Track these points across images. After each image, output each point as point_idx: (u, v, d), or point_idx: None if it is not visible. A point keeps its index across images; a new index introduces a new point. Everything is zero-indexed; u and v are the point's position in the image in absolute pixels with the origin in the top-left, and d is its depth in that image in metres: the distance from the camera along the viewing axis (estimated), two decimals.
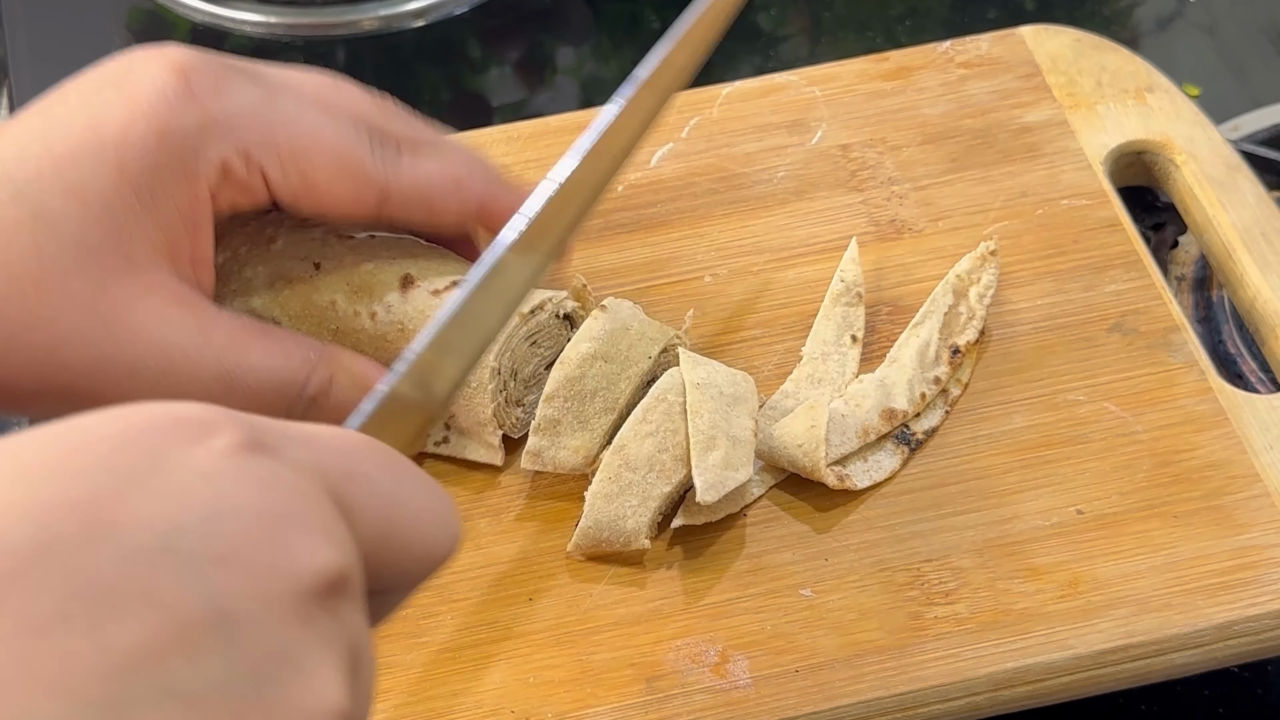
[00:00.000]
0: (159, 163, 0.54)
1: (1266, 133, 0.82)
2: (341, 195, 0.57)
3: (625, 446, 0.56)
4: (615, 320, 0.59)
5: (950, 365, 0.62)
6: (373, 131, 0.57)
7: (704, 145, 0.72)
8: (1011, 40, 0.75)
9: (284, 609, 0.33)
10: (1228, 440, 0.60)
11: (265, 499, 0.34)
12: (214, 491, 0.33)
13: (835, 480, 0.58)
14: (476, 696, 0.55)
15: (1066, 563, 0.57)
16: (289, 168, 0.56)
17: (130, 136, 0.53)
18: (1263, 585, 0.56)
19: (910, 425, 0.61)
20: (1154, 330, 0.64)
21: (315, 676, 0.33)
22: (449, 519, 0.40)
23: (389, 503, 0.38)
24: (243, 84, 0.55)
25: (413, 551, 0.38)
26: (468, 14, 0.94)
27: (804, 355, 0.63)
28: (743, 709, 0.54)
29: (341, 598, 0.35)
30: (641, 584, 0.57)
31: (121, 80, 0.55)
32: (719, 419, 0.56)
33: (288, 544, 0.33)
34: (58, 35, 0.93)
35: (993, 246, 0.65)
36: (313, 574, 0.34)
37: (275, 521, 0.33)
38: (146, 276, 0.55)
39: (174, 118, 0.54)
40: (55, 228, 0.53)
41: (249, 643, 0.32)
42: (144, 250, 0.54)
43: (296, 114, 0.56)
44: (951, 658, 0.55)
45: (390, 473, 0.39)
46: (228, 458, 0.34)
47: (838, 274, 0.65)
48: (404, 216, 0.58)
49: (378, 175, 0.57)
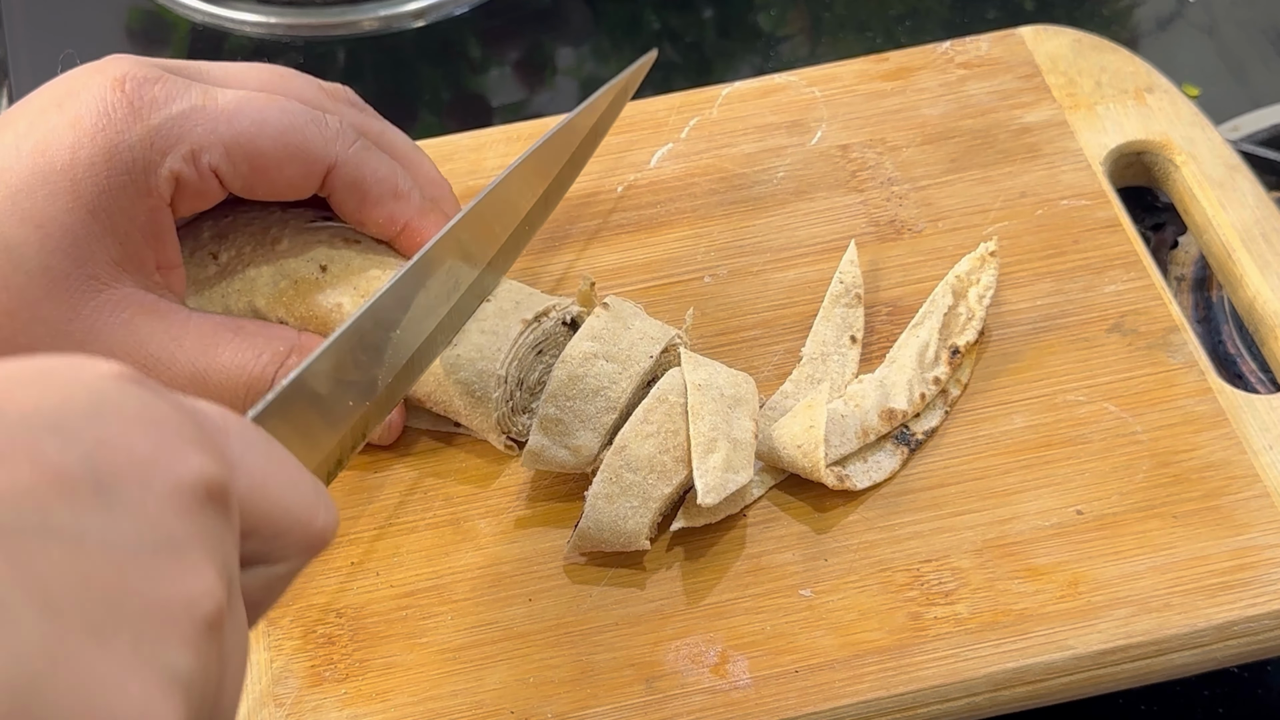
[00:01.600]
0: (111, 183, 0.55)
1: (1266, 133, 0.82)
2: (293, 176, 0.58)
3: (626, 447, 0.56)
4: (617, 319, 0.59)
5: (950, 366, 0.62)
6: (321, 110, 0.58)
7: (704, 146, 0.72)
8: (1011, 40, 0.75)
9: (163, 495, 0.34)
10: (1227, 440, 0.60)
11: (144, 409, 0.35)
12: (95, 396, 0.35)
13: (835, 480, 0.58)
14: (476, 697, 0.55)
15: (1066, 563, 0.57)
16: (237, 159, 0.56)
17: (79, 159, 0.55)
18: (1262, 585, 0.56)
19: (910, 426, 0.61)
20: (1154, 330, 0.64)
21: (196, 565, 0.34)
22: (325, 494, 0.41)
23: (264, 459, 0.39)
24: (182, 88, 0.56)
25: (289, 509, 0.39)
26: (468, 14, 0.94)
27: (803, 356, 0.63)
28: (742, 709, 0.54)
29: (220, 511, 0.36)
30: (641, 584, 0.57)
31: (64, 102, 0.56)
32: (720, 421, 0.56)
33: (167, 444, 0.35)
34: (58, 35, 0.93)
35: (992, 247, 0.65)
36: (191, 473, 0.35)
37: (154, 424, 0.35)
38: (113, 292, 0.56)
39: (118, 135, 0.55)
40: (18, 258, 0.54)
41: (129, 513, 0.33)
42: (107, 268, 0.56)
43: (237, 105, 0.57)
44: (951, 658, 0.55)
45: (265, 440, 0.40)
46: (111, 378, 0.36)
47: (837, 275, 0.65)
48: (339, 200, 0.59)
49: (325, 153, 0.58)
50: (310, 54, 0.93)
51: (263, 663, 0.56)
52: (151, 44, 0.95)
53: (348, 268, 0.60)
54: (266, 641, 0.57)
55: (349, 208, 0.60)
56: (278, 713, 0.55)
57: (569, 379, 0.58)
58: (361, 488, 0.61)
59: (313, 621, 0.57)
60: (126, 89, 0.55)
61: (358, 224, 0.61)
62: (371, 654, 0.56)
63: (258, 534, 0.38)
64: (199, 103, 0.56)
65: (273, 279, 0.60)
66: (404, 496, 0.61)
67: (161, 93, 0.56)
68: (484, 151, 0.72)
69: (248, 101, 0.57)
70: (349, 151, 0.58)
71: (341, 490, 0.61)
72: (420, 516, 0.60)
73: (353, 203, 0.59)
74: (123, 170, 0.55)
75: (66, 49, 0.88)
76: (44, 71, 0.57)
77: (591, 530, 0.57)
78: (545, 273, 0.67)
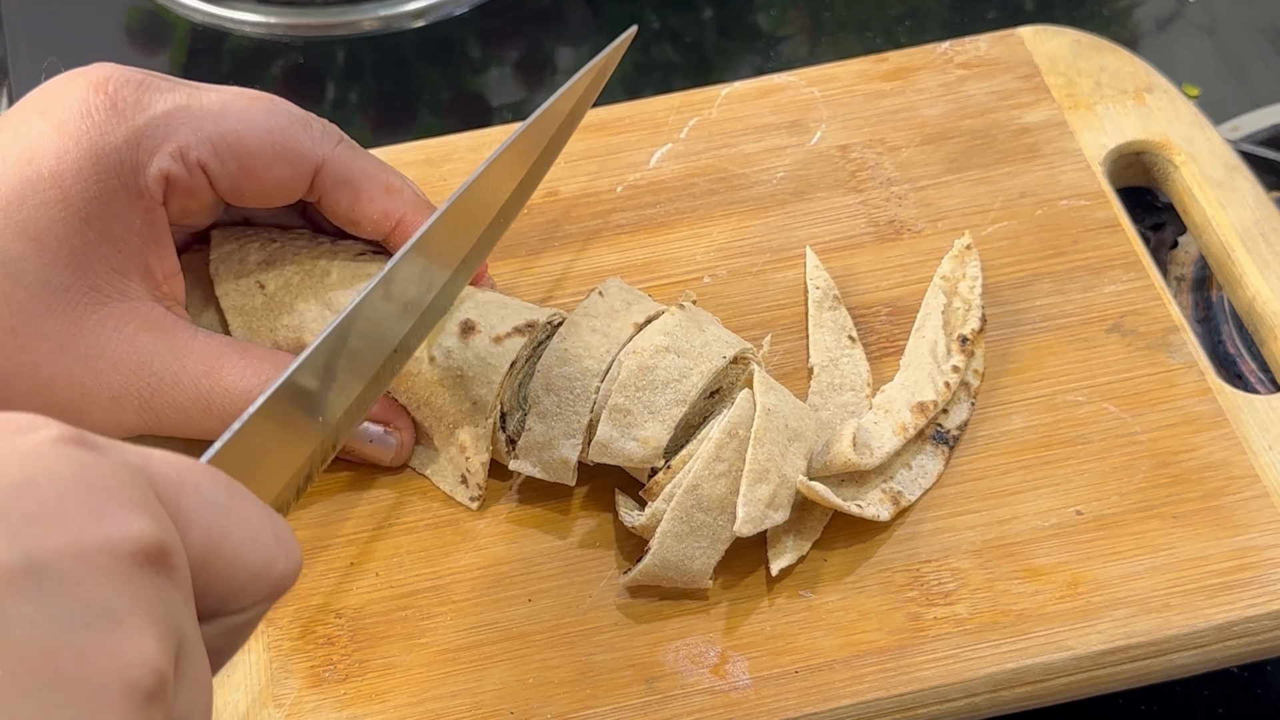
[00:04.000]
0: (101, 188, 0.54)
1: (1266, 133, 0.82)
2: (281, 176, 0.57)
3: (699, 487, 0.55)
4: (692, 321, 0.59)
5: (964, 354, 0.62)
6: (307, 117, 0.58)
7: (703, 146, 0.72)
8: (1011, 41, 0.75)
9: (98, 566, 0.34)
10: (1227, 441, 0.60)
11: (81, 474, 0.35)
12: (29, 465, 0.34)
13: (890, 500, 0.58)
14: (476, 697, 0.55)
15: (1066, 563, 0.57)
16: (225, 156, 0.56)
17: (65, 165, 0.53)
18: (1262, 586, 0.56)
19: (943, 424, 0.60)
20: (1153, 331, 0.64)
21: (131, 632, 0.34)
22: (286, 538, 0.40)
23: (220, 514, 0.38)
24: (165, 89, 0.56)
25: (248, 564, 0.38)
26: (467, 14, 0.94)
27: (814, 367, 0.63)
28: (742, 710, 0.54)
29: (162, 573, 0.35)
30: (641, 585, 0.57)
31: (47, 108, 0.55)
32: (776, 453, 0.56)
33: (102, 510, 0.34)
34: (58, 35, 0.93)
35: (967, 241, 0.65)
36: (128, 539, 0.34)
37: (89, 490, 0.34)
38: (116, 306, 0.55)
39: (102, 137, 0.54)
40: (17, 272, 0.53)
41: (61, 591, 0.33)
42: (108, 278, 0.55)
43: (222, 104, 0.56)
44: (951, 658, 0.55)
45: (224, 488, 0.39)
46: (48, 444, 0.35)
47: (810, 284, 0.65)
48: (330, 200, 0.59)
49: (313, 152, 0.57)
50: (310, 54, 0.93)
51: (261, 663, 0.56)
52: (151, 44, 0.95)
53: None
54: (265, 641, 0.57)
55: (342, 206, 0.59)
56: (277, 713, 0.55)
57: (639, 370, 0.57)
58: (360, 487, 0.61)
59: (312, 622, 0.57)
60: (109, 90, 0.54)
61: (351, 224, 0.60)
62: (371, 654, 0.56)
63: (213, 591, 0.38)
64: (183, 102, 0.55)
65: (321, 315, 0.59)
66: (403, 496, 0.61)
67: (145, 94, 0.55)
68: (484, 152, 0.72)
69: (233, 101, 0.56)
70: (336, 150, 0.58)
71: (341, 490, 0.61)
72: (420, 517, 0.60)
73: (345, 200, 0.59)
74: (112, 174, 0.54)
75: (50, 58, 0.87)
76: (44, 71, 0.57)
77: (657, 568, 0.56)
78: (544, 273, 0.67)
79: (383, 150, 0.72)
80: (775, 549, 0.57)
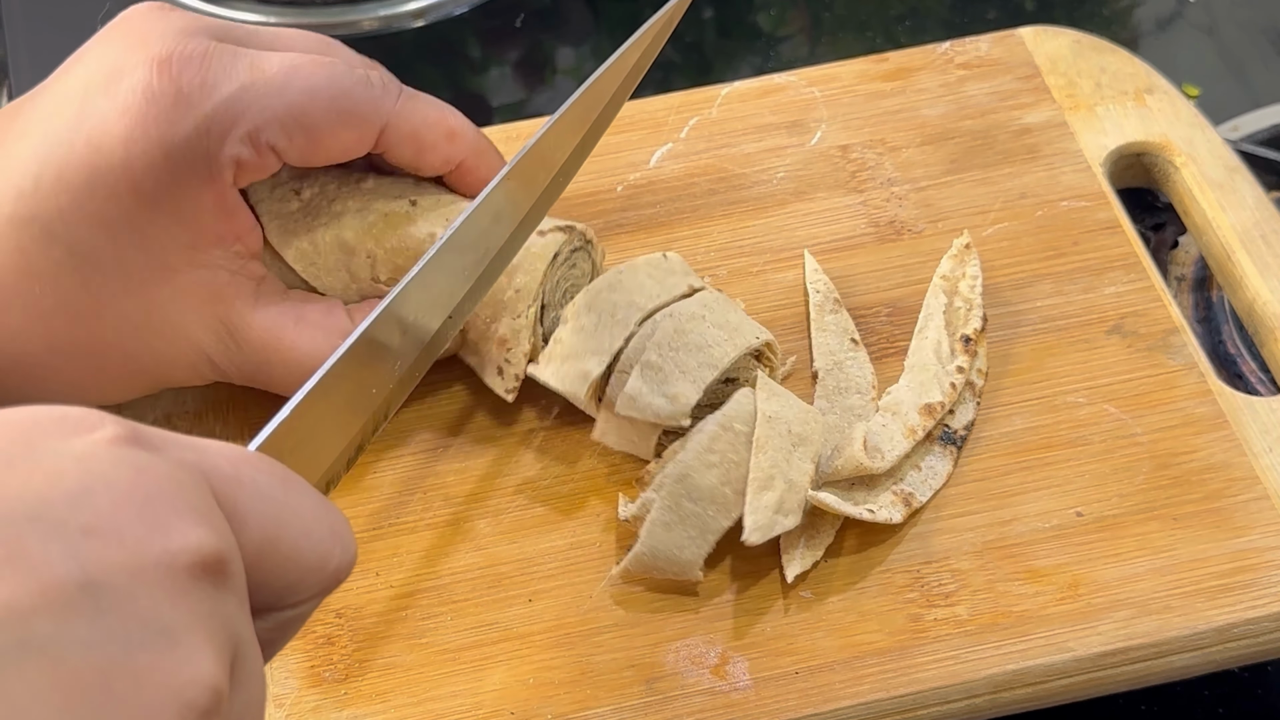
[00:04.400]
0: (173, 177, 0.54)
1: (1266, 133, 0.82)
2: (347, 141, 0.58)
3: (688, 476, 0.56)
4: (726, 302, 0.60)
5: (967, 354, 0.62)
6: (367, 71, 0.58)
7: (703, 146, 0.72)
8: (1011, 41, 0.75)
9: (155, 581, 0.33)
10: (1227, 442, 0.60)
11: (138, 480, 0.34)
12: (86, 471, 0.33)
13: (901, 502, 0.58)
14: (476, 697, 0.55)
15: (1066, 565, 0.57)
16: (294, 133, 0.56)
17: (134, 154, 0.54)
18: (1262, 588, 0.56)
19: (950, 424, 0.60)
20: (1153, 332, 0.64)
21: (188, 650, 0.33)
22: (341, 531, 0.40)
23: (277, 509, 0.38)
24: (228, 63, 0.55)
25: (303, 560, 0.38)
26: (467, 14, 0.94)
27: (819, 371, 0.63)
28: (742, 711, 0.54)
29: (219, 583, 0.35)
30: (641, 585, 0.57)
31: (109, 85, 0.54)
32: (781, 459, 0.56)
33: (160, 520, 0.34)
34: (58, 35, 0.93)
35: (965, 241, 0.65)
36: (186, 551, 0.34)
37: (147, 500, 0.34)
38: (186, 276, 0.57)
39: (171, 126, 0.54)
40: (94, 260, 0.55)
41: (118, 609, 0.32)
42: (179, 253, 0.56)
43: (285, 74, 0.56)
44: (951, 660, 0.55)
45: (279, 481, 0.38)
46: (104, 445, 0.34)
47: (809, 286, 0.65)
48: (394, 154, 0.59)
49: (377, 114, 0.58)
50: None
51: None
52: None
53: (438, 201, 0.60)
54: None
55: (406, 158, 0.60)
56: (277, 713, 0.55)
57: (675, 331, 0.58)
58: (360, 488, 0.61)
59: (312, 621, 0.57)
60: (173, 72, 0.54)
61: (414, 169, 0.61)
62: (371, 654, 0.56)
63: (267, 587, 0.38)
64: (247, 79, 0.55)
65: (360, 214, 0.60)
66: (403, 496, 0.60)
67: (210, 74, 0.54)
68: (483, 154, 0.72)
69: (295, 70, 0.56)
70: (398, 106, 0.58)
71: (340, 490, 0.60)
72: (420, 517, 0.60)
73: (410, 152, 0.59)
74: (184, 164, 0.54)
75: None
76: (44, 72, 0.57)
77: (646, 557, 0.56)
78: None
79: None
80: (788, 554, 0.57)
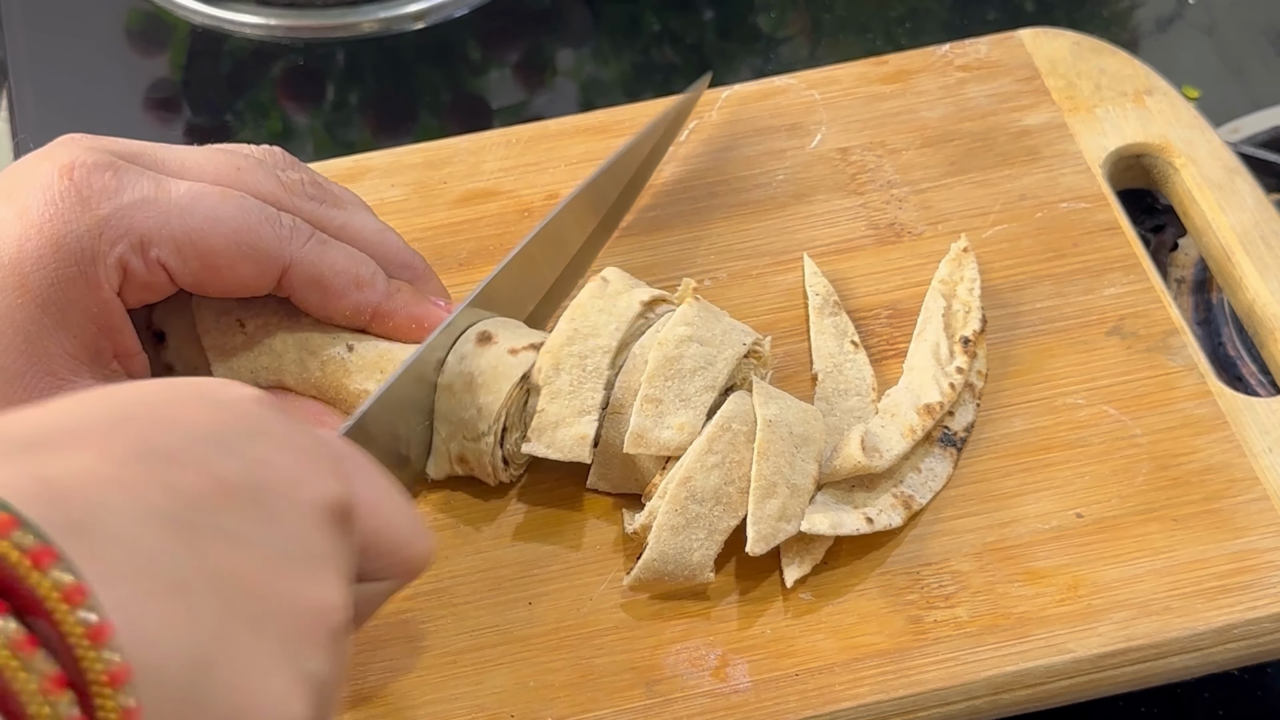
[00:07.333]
0: (60, 276, 0.54)
1: (1266, 135, 0.82)
2: (245, 275, 0.56)
3: (691, 479, 0.55)
4: (708, 310, 0.59)
5: (967, 355, 0.62)
6: (278, 207, 0.57)
7: (703, 148, 0.72)
8: (1011, 43, 0.75)
9: (306, 513, 0.39)
10: (1227, 444, 0.60)
11: (291, 433, 0.41)
12: (257, 416, 0.40)
13: (901, 504, 0.58)
14: (477, 700, 0.55)
15: (1066, 566, 0.57)
16: (187, 255, 0.55)
17: (26, 252, 0.53)
18: (1262, 589, 0.56)
19: (950, 426, 0.60)
20: (1153, 333, 0.64)
21: (329, 578, 0.39)
22: (422, 523, 0.46)
23: (378, 485, 0.44)
24: (133, 177, 0.55)
25: (395, 534, 0.44)
26: (467, 16, 0.94)
27: (818, 373, 0.63)
28: (742, 713, 0.54)
29: (345, 531, 0.40)
30: (644, 584, 0.57)
31: (13, 193, 0.54)
32: (783, 464, 0.56)
33: (308, 466, 0.40)
34: (58, 37, 0.93)
35: (964, 244, 0.65)
36: (327, 495, 0.40)
37: (298, 449, 0.40)
38: (70, 389, 0.55)
39: (65, 226, 0.53)
40: None
41: (280, 520, 0.38)
42: (64, 362, 0.55)
43: (190, 200, 0.55)
44: (951, 661, 0.55)
45: (377, 470, 0.45)
46: (263, 405, 0.41)
47: (809, 289, 0.65)
48: (299, 298, 0.58)
49: (280, 253, 0.56)
50: (310, 56, 0.93)
51: None
52: (151, 46, 0.95)
53: (375, 348, 0.59)
54: None
55: (312, 303, 0.58)
56: None
57: (665, 360, 0.57)
58: None
59: None
60: (75, 177, 0.53)
61: (325, 318, 0.59)
62: (371, 657, 0.56)
63: (367, 553, 0.43)
64: (150, 194, 0.54)
65: (299, 357, 0.59)
66: None
67: (112, 181, 0.54)
68: (483, 154, 0.72)
69: (201, 196, 0.55)
70: (304, 249, 0.57)
71: None
72: None
73: (315, 299, 0.58)
74: (71, 261, 0.53)
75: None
76: (44, 73, 0.57)
77: (656, 562, 0.56)
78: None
79: (382, 153, 0.72)
80: (788, 558, 0.57)
